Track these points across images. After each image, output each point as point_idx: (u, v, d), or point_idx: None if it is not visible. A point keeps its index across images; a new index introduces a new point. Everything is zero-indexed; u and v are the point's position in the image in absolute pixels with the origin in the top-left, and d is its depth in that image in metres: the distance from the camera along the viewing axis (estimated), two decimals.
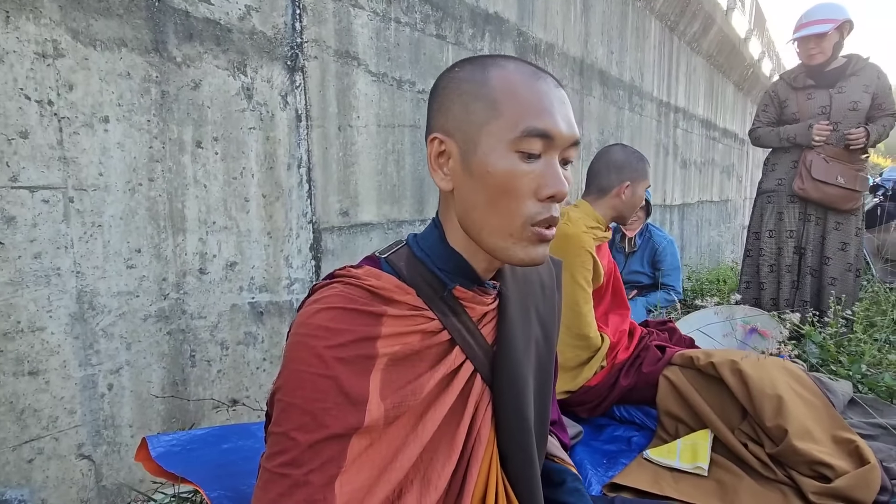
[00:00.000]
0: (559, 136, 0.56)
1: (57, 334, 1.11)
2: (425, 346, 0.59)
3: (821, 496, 1.06)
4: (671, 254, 2.75)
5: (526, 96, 0.55)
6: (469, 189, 0.58)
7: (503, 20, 2.36)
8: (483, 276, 0.64)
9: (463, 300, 0.63)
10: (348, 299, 0.55)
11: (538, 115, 0.55)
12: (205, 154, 1.34)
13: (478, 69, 0.58)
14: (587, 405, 1.48)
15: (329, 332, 0.53)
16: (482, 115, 0.56)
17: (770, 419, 1.18)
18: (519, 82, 0.56)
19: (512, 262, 0.58)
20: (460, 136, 0.58)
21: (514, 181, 0.55)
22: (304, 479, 0.51)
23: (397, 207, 1.91)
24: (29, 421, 1.08)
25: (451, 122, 0.58)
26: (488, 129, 0.56)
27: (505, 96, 0.56)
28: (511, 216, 0.56)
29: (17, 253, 1.05)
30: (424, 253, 0.63)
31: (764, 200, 2.56)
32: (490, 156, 0.56)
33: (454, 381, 0.62)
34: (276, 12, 1.47)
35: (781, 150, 2.51)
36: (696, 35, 4.76)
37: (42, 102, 1.07)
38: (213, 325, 1.39)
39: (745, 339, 2.08)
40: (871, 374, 1.68)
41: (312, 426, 0.51)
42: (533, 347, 0.69)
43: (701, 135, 5.34)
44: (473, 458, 0.61)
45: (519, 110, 0.55)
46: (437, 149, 0.60)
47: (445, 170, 0.60)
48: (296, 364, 0.52)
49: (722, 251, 5.94)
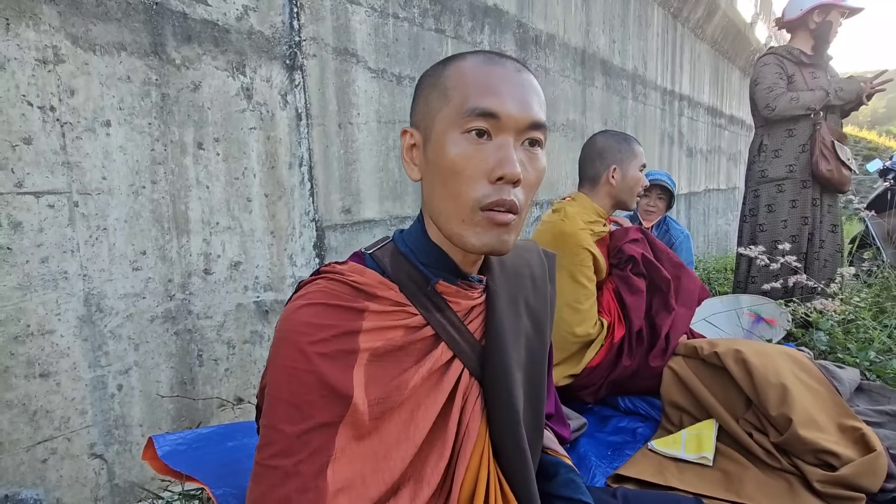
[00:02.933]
0: (506, 116, 0.55)
1: (66, 337, 1.13)
2: (409, 341, 0.60)
3: (826, 484, 1.06)
4: (686, 248, 2.72)
5: (472, 80, 0.56)
6: (430, 176, 0.60)
7: (502, 12, 2.35)
8: (464, 269, 0.64)
9: (446, 295, 0.63)
10: (331, 295, 0.56)
11: (483, 94, 0.55)
12: (206, 155, 1.35)
13: (440, 64, 0.61)
14: (592, 387, 1.48)
15: (311, 327, 0.54)
16: (436, 104, 0.58)
17: (774, 408, 1.18)
18: (469, 69, 0.57)
19: (467, 248, 0.58)
20: (423, 126, 0.60)
21: (463, 162, 0.56)
22: (295, 469, 0.52)
23: (399, 203, 1.92)
24: (42, 422, 1.11)
25: (417, 115, 0.62)
26: (441, 115, 0.58)
27: (454, 83, 0.57)
28: (460, 198, 0.56)
29: (25, 258, 1.07)
30: (408, 248, 0.64)
31: (773, 189, 2.44)
32: (441, 139, 0.57)
33: (444, 379, 0.62)
34: (273, 11, 1.47)
35: (784, 133, 2.41)
36: (701, 21, 4.70)
37: (44, 108, 1.08)
38: (220, 324, 1.41)
39: (752, 328, 2.07)
40: (880, 361, 1.67)
41: (299, 417, 0.53)
42: (523, 341, 0.69)
43: (707, 122, 5.28)
44: (462, 453, 0.61)
45: (465, 93, 0.56)
46: (408, 141, 0.62)
47: (416, 161, 0.62)
48: (280, 360, 0.54)
49: (729, 239, 5.89)
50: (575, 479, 0.74)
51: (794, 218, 2.40)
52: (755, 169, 2.52)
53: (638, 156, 1.51)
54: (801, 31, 2.44)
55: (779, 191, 2.43)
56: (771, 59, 2.44)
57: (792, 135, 2.39)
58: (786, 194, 2.41)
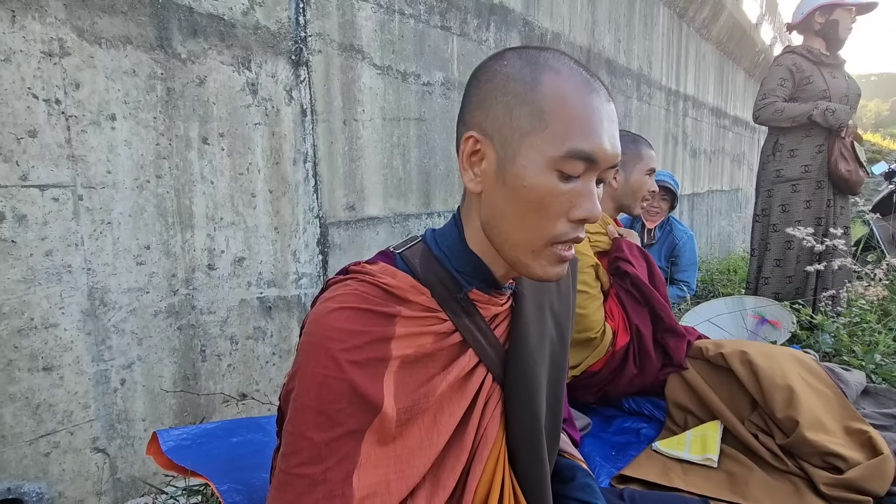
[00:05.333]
0: (603, 159, 0.53)
1: (70, 330, 1.13)
2: (438, 348, 0.58)
3: (833, 487, 1.05)
4: (690, 249, 2.71)
5: (576, 112, 0.52)
6: (500, 197, 0.55)
7: (508, 10, 2.34)
8: (501, 282, 0.63)
9: (477, 302, 0.62)
10: (362, 298, 0.54)
11: (586, 135, 0.52)
12: (211, 150, 1.35)
13: (527, 69, 0.54)
14: (590, 389, 1.47)
15: (343, 333, 0.52)
16: (527, 124, 0.53)
17: (781, 410, 1.17)
18: (571, 93, 0.52)
19: (527, 276, 0.58)
20: (499, 139, 0.54)
21: (549, 199, 0.53)
22: (323, 476, 0.51)
23: (403, 201, 1.91)
24: (45, 416, 1.10)
25: (491, 122, 0.55)
26: (531, 140, 0.52)
27: (554, 107, 0.52)
28: (538, 233, 0.54)
29: (29, 251, 1.07)
30: (443, 252, 0.62)
31: (787, 189, 2.39)
32: (529, 169, 0.53)
33: (468, 384, 0.61)
34: (279, 6, 1.47)
35: (801, 133, 2.35)
36: (706, 21, 4.68)
37: (49, 101, 1.08)
38: (223, 320, 1.40)
39: (756, 329, 2.06)
40: (886, 364, 1.66)
41: (328, 425, 0.51)
42: (547, 346, 0.68)
43: (711, 123, 5.26)
44: (478, 457, 0.60)
45: (567, 126, 0.52)
46: (471, 147, 0.56)
47: (477, 170, 0.57)
48: (311, 366, 0.52)
49: (732, 241, 5.87)
50: (591, 484, 0.73)
51: (808, 218, 2.36)
52: (769, 168, 2.47)
53: (644, 159, 1.44)
54: (808, 33, 2.42)
55: (793, 191, 2.39)
56: (786, 59, 2.40)
57: (809, 135, 2.34)
58: (800, 194, 2.37)
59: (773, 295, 2.39)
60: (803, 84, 2.35)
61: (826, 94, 2.32)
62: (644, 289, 1.43)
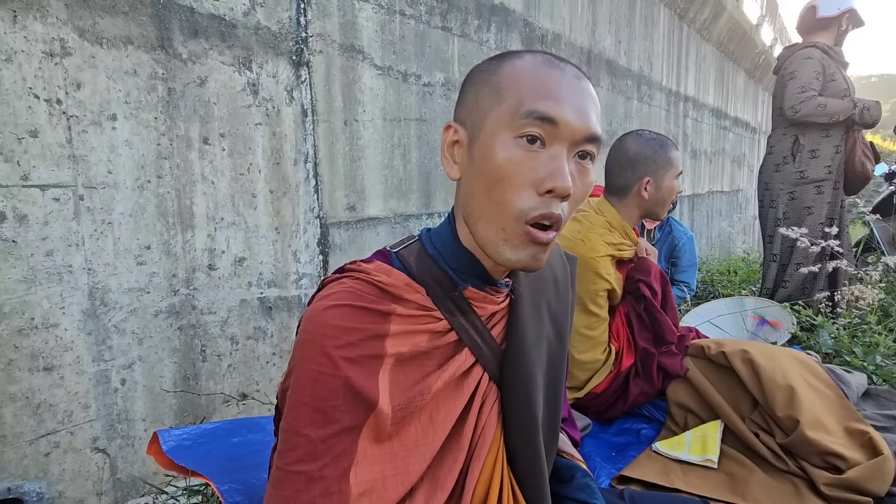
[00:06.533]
0: (564, 124, 0.52)
1: (70, 330, 1.13)
2: (433, 346, 0.58)
3: (833, 487, 1.05)
4: (689, 250, 2.70)
5: (531, 81, 0.53)
6: (471, 176, 0.57)
7: (509, 11, 2.34)
8: (495, 276, 0.62)
9: (473, 300, 0.62)
10: (357, 296, 0.55)
11: (540, 98, 0.52)
12: (212, 150, 1.35)
13: (495, 60, 0.57)
14: (595, 410, 1.45)
15: (337, 330, 0.52)
16: (488, 102, 0.55)
17: (782, 409, 1.17)
18: (527, 69, 0.54)
19: (499, 261, 0.56)
20: (469, 124, 0.57)
21: (512, 168, 0.53)
22: (320, 473, 0.51)
23: (404, 201, 1.91)
24: (45, 415, 1.11)
25: (464, 110, 0.58)
26: (492, 114, 0.55)
27: (510, 82, 0.54)
28: (505, 206, 0.53)
29: (30, 251, 1.07)
30: (437, 250, 0.62)
31: (812, 191, 2.31)
32: (490, 140, 0.54)
33: (464, 383, 0.61)
34: (280, 7, 1.47)
35: (821, 133, 2.28)
36: (707, 22, 4.69)
37: (51, 101, 1.08)
38: (223, 320, 1.40)
39: (756, 330, 2.06)
40: (886, 366, 1.66)
41: (323, 422, 0.51)
42: (544, 345, 0.68)
43: (711, 124, 5.27)
44: (476, 457, 0.60)
45: (522, 94, 0.53)
46: (450, 137, 0.59)
47: (456, 158, 0.59)
48: (306, 363, 0.52)
49: (733, 242, 5.87)
50: (590, 484, 0.73)
51: (827, 220, 2.31)
52: (790, 170, 2.36)
53: (674, 164, 1.36)
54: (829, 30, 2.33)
55: (818, 192, 2.30)
56: (816, 53, 2.29)
57: (828, 135, 2.28)
58: (824, 196, 2.30)
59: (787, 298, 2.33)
60: (828, 81, 2.27)
61: (847, 92, 2.25)
62: (658, 317, 1.39)
